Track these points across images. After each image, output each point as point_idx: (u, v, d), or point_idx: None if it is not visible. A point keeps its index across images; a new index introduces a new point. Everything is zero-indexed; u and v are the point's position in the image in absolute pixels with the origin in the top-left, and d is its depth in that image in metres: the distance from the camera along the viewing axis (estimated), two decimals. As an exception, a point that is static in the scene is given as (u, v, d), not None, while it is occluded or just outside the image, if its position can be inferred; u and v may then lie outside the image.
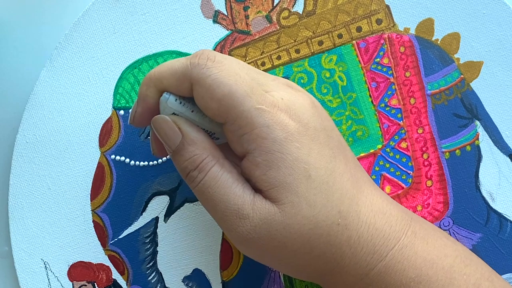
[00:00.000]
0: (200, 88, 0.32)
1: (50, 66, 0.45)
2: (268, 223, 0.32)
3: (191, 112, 0.34)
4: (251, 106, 0.32)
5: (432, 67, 0.42)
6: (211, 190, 0.33)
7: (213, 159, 0.34)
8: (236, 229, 0.33)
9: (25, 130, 0.45)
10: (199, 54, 0.33)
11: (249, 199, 0.33)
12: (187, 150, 0.34)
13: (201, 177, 0.33)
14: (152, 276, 0.44)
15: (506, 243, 0.41)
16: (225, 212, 0.33)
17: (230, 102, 0.32)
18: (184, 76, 0.33)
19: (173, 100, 0.34)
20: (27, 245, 0.45)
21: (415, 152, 0.42)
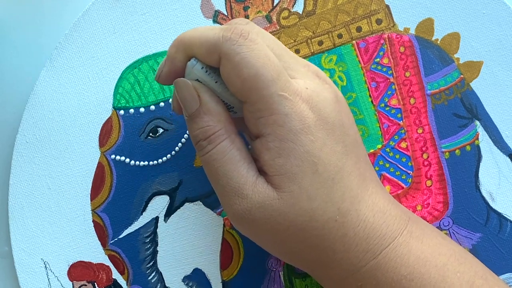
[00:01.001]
0: (227, 64, 0.32)
1: (50, 66, 0.45)
2: (265, 207, 0.33)
3: (214, 83, 0.34)
4: (274, 91, 0.32)
5: (432, 67, 0.42)
6: (216, 164, 0.34)
7: (225, 133, 0.34)
8: (232, 206, 0.33)
9: (25, 130, 0.45)
10: (233, 28, 0.33)
11: (251, 180, 0.33)
12: (201, 119, 0.34)
13: (209, 149, 0.34)
14: (152, 276, 0.44)
15: (506, 243, 0.41)
16: (226, 188, 0.33)
17: (254, 84, 0.32)
18: (215, 47, 0.33)
19: (199, 67, 0.34)
20: (27, 245, 0.45)
21: (415, 152, 0.42)
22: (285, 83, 0.33)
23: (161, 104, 0.43)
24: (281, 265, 0.43)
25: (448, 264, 0.34)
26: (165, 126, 0.43)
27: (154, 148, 0.44)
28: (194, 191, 0.43)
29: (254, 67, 0.32)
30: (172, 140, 0.43)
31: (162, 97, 0.43)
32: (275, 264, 0.43)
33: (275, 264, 0.43)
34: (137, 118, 0.44)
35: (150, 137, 0.44)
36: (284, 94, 0.32)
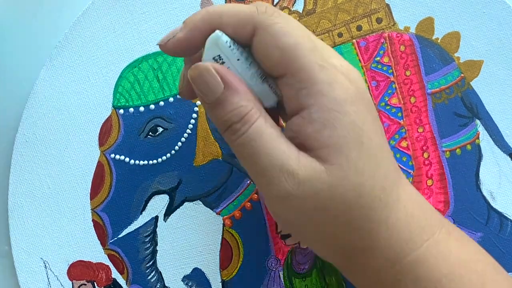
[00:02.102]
0: (265, 34, 0.31)
1: (50, 65, 0.45)
2: (314, 181, 0.31)
3: (236, 61, 0.32)
4: (316, 61, 0.31)
5: (432, 66, 0.42)
6: (255, 143, 0.31)
7: (257, 111, 0.32)
8: (279, 183, 0.31)
9: (25, 129, 0.45)
10: (265, 5, 0.32)
11: (294, 155, 0.31)
12: (231, 101, 0.31)
13: (245, 129, 0.31)
14: (151, 275, 0.44)
15: (507, 242, 0.41)
16: (268, 167, 0.31)
17: (295, 53, 0.31)
18: (249, 19, 0.31)
19: (224, 41, 0.31)
20: (27, 244, 0.45)
21: (416, 151, 0.42)
22: (322, 53, 0.31)
23: (160, 103, 0.43)
24: (281, 265, 0.43)
25: (486, 271, 0.33)
26: (164, 125, 0.43)
27: (154, 147, 0.43)
28: (193, 190, 0.43)
29: (293, 36, 0.31)
30: (172, 139, 0.43)
31: (161, 96, 0.43)
32: (275, 264, 0.43)
33: (275, 264, 0.43)
34: (137, 117, 0.44)
35: (150, 136, 0.43)
36: (324, 64, 0.31)
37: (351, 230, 0.32)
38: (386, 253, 0.32)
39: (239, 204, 0.43)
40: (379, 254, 0.32)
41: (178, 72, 0.43)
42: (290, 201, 0.31)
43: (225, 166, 0.43)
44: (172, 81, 0.43)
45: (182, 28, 0.33)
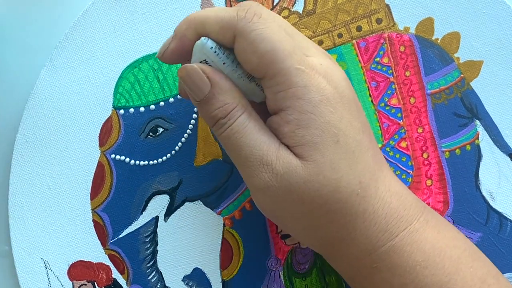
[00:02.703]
0: (243, 41, 0.33)
1: (50, 65, 0.45)
2: (290, 174, 0.33)
3: (222, 64, 0.34)
4: (291, 65, 0.32)
5: (432, 66, 0.42)
6: (238, 135, 0.34)
7: (242, 107, 0.34)
8: (258, 175, 0.33)
9: (25, 130, 0.45)
10: (246, 8, 0.33)
11: (274, 147, 0.33)
12: (217, 99, 0.34)
13: (230, 123, 0.34)
14: (152, 276, 0.44)
15: (506, 243, 0.41)
16: (249, 158, 0.33)
17: (272, 58, 0.32)
18: (229, 25, 0.33)
19: (209, 47, 0.34)
20: (27, 245, 0.45)
21: (415, 151, 0.42)
22: (301, 57, 0.33)
23: (161, 104, 0.43)
24: (281, 265, 0.43)
25: (462, 257, 0.34)
26: (165, 126, 0.43)
27: (154, 147, 0.44)
28: (194, 190, 0.43)
29: (270, 41, 0.32)
30: (172, 140, 0.43)
31: (162, 97, 0.43)
32: (275, 264, 0.43)
33: (275, 264, 0.43)
34: (137, 117, 0.44)
35: (150, 136, 0.44)
36: (301, 67, 0.33)
37: (327, 222, 0.34)
38: (363, 243, 0.34)
39: (239, 204, 0.43)
40: (356, 244, 0.34)
41: (178, 72, 0.43)
42: (269, 192, 0.33)
43: (225, 166, 0.43)
44: (173, 81, 0.43)
45: (173, 38, 0.35)
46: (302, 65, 0.33)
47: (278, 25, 0.33)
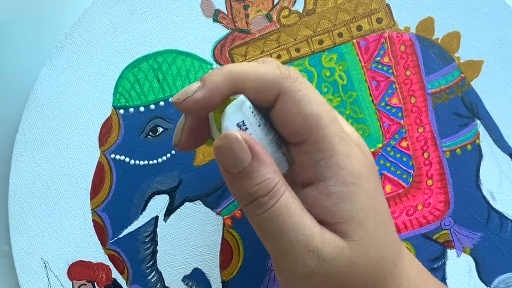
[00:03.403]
0: (289, 100, 0.30)
1: (50, 65, 0.45)
2: (337, 259, 0.30)
3: (258, 127, 0.31)
4: (336, 132, 0.30)
5: (433, 66, 0.42)
6: (282, 218, 0.30)
7: (284, 184, 0.31)
8: (303, 261, 0.30)
9: (25, 129, 0.45)
10: (288, 68, 0.31)
11: (317, 230, 0.30)
12: (258, 173, 0.30)
13: (272, 203, 0.30)
14: (152, 276, 0.44)
15: (507, 243, 0.41)
16: (293, 243, 0.30)
17: (317, 122, 0.30)
18: (274, 83, 0.30)
19: (248, 106, 0.30)
20: (27, 245, 0.44)
21: (416, 151, 0.42)
22: (340, 124, 0.31)
23: (161, 103, 0.43)
24: (281, 264, 0.43)
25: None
26: (165, 125, 0.43)
27: (154, 147, 0.43)
28: (194, 190, 0.43)
29: (317, 104, 0.30)
30: (172, 139, 0.43)
31: (162, 96, 0.43)
32: (275, 263, 0.43)
33: (275, 263, 0.43)
34: (137, 117, 0.44)
35: (150, 136, 0.43)
36: (343, 135, 0.31)
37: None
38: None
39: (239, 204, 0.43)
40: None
41: (178, 72, 0.43)
42: (312, 278, 0.31)
43: (225, 166, 0.43)
44: (172, 81, 0.43)
45: (201, 87, 0.31)
46: (343, 133, 0.31)
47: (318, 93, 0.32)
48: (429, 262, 0.42)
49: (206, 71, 0.43)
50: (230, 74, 0.31)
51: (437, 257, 0.42)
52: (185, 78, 0.43)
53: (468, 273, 0.42)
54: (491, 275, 0.42)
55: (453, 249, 0.42)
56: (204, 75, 0.31)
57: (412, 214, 0.42)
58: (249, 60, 0.43)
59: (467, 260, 0.42)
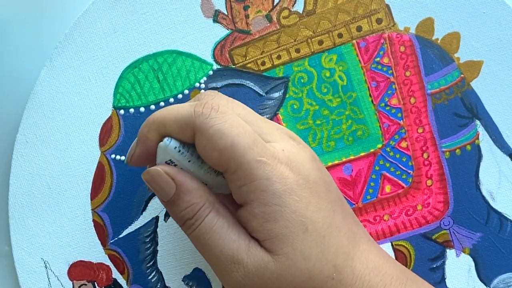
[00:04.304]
0: (202, 138, 0.33)
1: (50, 65, 0.45)
2: (262, 271, 0.33)
3: (187, 162, 0.34)
4: (252, 158, 0.32)
5: (432, 66, 0.42)
6: (207, 236, 0.33)
7: (209, 206, 0.34)
8: (229, 274, 0.33)
9: (25, 130, 0.45)
10: (203, 103, 0.33)
11: (244, 244, 0.33)
12: (183, 200, 0.34)
13: (197, 224, 0.34)
14: (152, 276, 0.44)
15: (507, 243, 0.41)
16: (220, 257, 0.33)
17: (232, 154, 0.32)
18: (187, 124, 0.33)
19: (172, 147, 0.34)
20: (27, 245, 0.45)
21: (415, 151, 0.42)
22: (261, 148, 0.33)
23: (161, 104, 0.43)
24: (281, 264, 0.43)
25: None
26: (165, 126, 0.43)
27: (154, 147, 0.43)
28: (194, 190, 0.43)
29: (229, 136, 0.32)
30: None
31: (162, 97, 0.43)
32: (275, 263, 0.43)
33: (275, 263, 0.43)
34: (137, 117, 0.44)
35: (150, 136, 0.43)
36: (262, 159, 0.32)
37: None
38: None
39: (240, 205, 0.43)
40: None
41: (178, 72, 0.43)
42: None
43: (225, 166, 0.43)
44: (173, 81, 0.43)
45: (137, 143, 0.35)
46: (263, 157, 0.32)
47: (237, 115, 0.34)
48: (429, 262, 0.42)
49: (206, 71, 0.43)
50: (154, 122, 0.34)
51: (437, 257, 0.42)
52: (185, 79, 0.43)
53: (467, 273, 0.42)
54: (491, 275, 0.42)
55: (453, 249, 0.42)
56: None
57: (412, 214, 0.42)
58: (249, 61, 0.43)
59: (467, 260, 0.42)
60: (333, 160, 0.43)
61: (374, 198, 0.43)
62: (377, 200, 0.43)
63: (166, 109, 0.34)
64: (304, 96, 0.43)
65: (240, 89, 0.43)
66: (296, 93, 0.43)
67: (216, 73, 0.43)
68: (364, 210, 0.43)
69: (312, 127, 0.43)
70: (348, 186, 0.43)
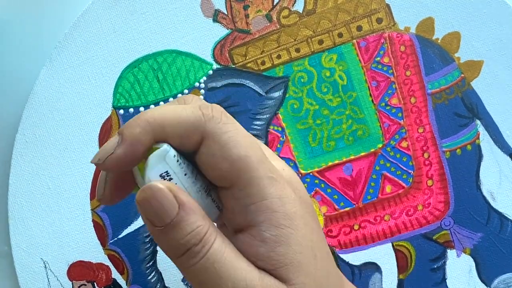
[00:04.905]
0: (214, 145, 0.28)
1: (50, 65, 0.45)
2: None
3: (184, 176, 0.29)
4: (265, 173, 0.29)
5: (433, 66, 0.42)
6: (217, 265, 0.28)
7: (214, 230, 0.29)
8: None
9: (25, 129, 0.45)
10: (210, 106, 0.29)
11: (256, 275, 0.29)
12: (188, 222, 0.28)
13: (205, 251, 0.28)
14: (151, 276, 0.44)
15: (507, 243, 0.41)
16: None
17: (245, 166, 0.28)
18: (196, 127, 0.28)
19: (172, 155, 0.28)
20: (27, 245, 0.44)
21: (416, 151, 0.42)
22: (270, 164, 0.29)
23: (160, 104, 0.43)
24: (281, 265, 0.43)
25: None
26: (165, 126, 0.43)
27: (154, 147, 0.43)
28: (194, 190, 0.43)
29: (243, 146, 0.28)
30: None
31: (161, 97, 0.43)
32: (275, 264, 0.43)
33: (275, 264, 0.43)
34: (137, 117, 0.44)
35: (150, 136, 0.43)
36: (273, 175, 0.29)
37: None
38: None
39: (239, 205, 0.43)
40: None
41: (178, 72, 0.43)
42: None
43: (225, 166, 0.43)
44: (172, 81, 0.43)
45: (120, 142, 0.28)
46: (273, 173, 0.29)
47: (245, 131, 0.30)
48: (429, 262, 0.42)
49: (206, 71, 0.43)
50: (149, 122, 0.28)
51: (437, 257, 0.42)
52: (185, 79, 0.43)
53: (468, 273, 0.42)
54: (491, 275, 0.42)
55: (453, 249, 0.42)
56: (122, 127, 0.29)
57: (412, 214, 0.42)
58: (249, 60, 0.43)
59: (467, 260, 0.42)
60: (333, 160, 0.43)
61: (374, 198, 0.42)
62: (377, 200, 0.42)
63: (163, 108, 0.29)
64: (304, 96, 0.43)
65: (240, 89, 0.43)
66: (296, 92, 0.43)
67: (216, 72, 0.43)
68: (365, 210, 0.43)
69: (312, 126, 0.43)
70: (349, 186, 0.43)
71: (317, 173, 0.43)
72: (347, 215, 0.43)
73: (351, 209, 0.43)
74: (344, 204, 0.43)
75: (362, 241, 0.43)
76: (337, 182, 0.43)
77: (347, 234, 0.43)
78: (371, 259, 0.43)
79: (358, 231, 0.42)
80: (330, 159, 0.43)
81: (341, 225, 0.43)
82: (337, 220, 0.43)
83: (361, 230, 0.42)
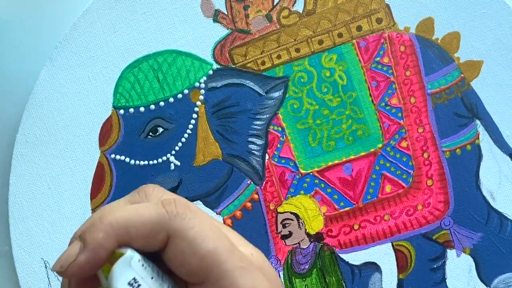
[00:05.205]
0: (181, 242, 0.27)
1: (50, 65, 0.45)
2: None
3: (150, 279, 0.28)
4: (235, 264, 0.28)
5: (432, 66, 0.42)
6: None
7: None
8: None
9: (25, 129, 0.45)
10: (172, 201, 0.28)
11: None
12: None
13: None
14: (152, 276, 0.44)
15: (507, 242, 0.41)
16: None
17: (215, 259, 0.27)
18: (161, 226, 0.27)
19: (137, 260, 0.27)
20: (27, 244, 0.44)
21: (416, 151, 0.42)
22: (239, 252, 0.28)
23: (161, 104, 0.43)
24: (281, 265, 0.43)
25: None
26: (165, 126, 0.43)
27: (154, 147, 0.43)
28: (194, 190, 0.43)
29: (211, 239, 0.27)
30: (172, 140, 0.43)
31: (162, 97, 0.43)
32: (275, 264, 0.43)
33: (275, 264, 0.43)
34: (137, 117, 0.44)
35: (150, 136, 0.43)
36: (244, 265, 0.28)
37: None
38: None
39: (240, 204, 0.43)
40: None
41: (178, 72, 0.43)
42: None
43: (225, 166, 0.43)
44: (172, 81, 0.43)
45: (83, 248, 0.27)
46: (243, 262, 0.28)
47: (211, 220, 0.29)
48: (429, 262, 0.42)
49: (206, 71, 0.43)
50: (112, 226, 0.27)
51: (437, 257, 0.42)
52: (185, 78, 0.43)
53: (468, 273, 0.42)
54: (491, 275, 0.42)
55: (453, 249, 0.42)
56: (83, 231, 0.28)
57: (412, 214, 0.42)
58: (249, 60, 0.43)
59: (467, 260, 0.42)
60: (333, 159, 0.43)
61: (374, 198, 0.42)
62: (377, 200, 0.42)
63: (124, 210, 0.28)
64: (304, 96, 0.43)
65: (240, 89, 0.43)
66: (296, 92, 0.43)
67: (216, 72, 0.43)
68: (365, 210, 0.43)
69: (312, 126, 0.43)
70: (349, 186, 0.43)
71: (317, 173, 0.43)
72: (347, 215, 0.43)
73: (351, 209, 0.43)
74: (344, 204, 0.43)
75: (362, 241, 0.43)
76: (337, 182, 0.43)
77: (347, 234, 0.43)
78: (371, 259, 0.43)
79: (358, 231, 0.43)
80: (330, 159, 0.43)
81: (341, 225, 0.43)
82: (337, 220, 0.43)
83: (361, 230, 0.43)
